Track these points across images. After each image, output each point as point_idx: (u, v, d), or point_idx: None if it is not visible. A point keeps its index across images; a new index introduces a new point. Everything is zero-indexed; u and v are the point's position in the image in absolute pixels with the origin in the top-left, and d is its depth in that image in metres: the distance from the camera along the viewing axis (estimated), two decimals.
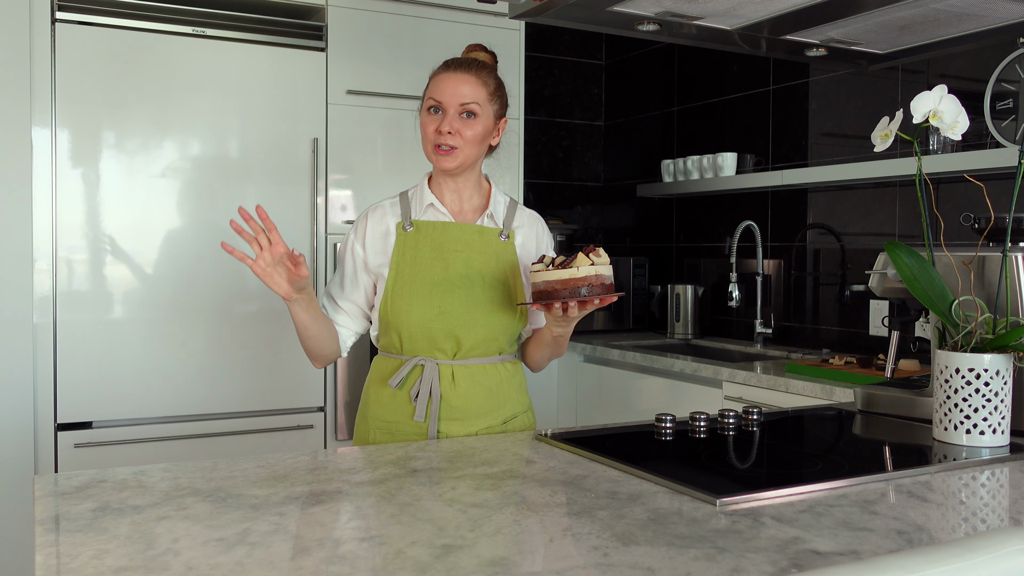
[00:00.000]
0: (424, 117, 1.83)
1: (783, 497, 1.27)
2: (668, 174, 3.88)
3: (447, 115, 1.80)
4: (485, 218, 1.88)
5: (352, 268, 1.88)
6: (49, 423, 2.75)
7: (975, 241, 1.76)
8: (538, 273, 1.67)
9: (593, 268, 1.65)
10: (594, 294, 1.65)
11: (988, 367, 1.57)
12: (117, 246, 2.84)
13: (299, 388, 3.05)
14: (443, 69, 1.84)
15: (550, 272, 1.65)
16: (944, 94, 1.59)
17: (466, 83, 1.81)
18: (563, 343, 1.87)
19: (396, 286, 1.81)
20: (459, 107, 1.80)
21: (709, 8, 2.24)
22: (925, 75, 2.95)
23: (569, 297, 1.64)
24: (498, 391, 1.84)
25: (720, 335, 3.78)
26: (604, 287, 1.66)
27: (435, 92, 1.81)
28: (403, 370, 1.81)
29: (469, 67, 1.83)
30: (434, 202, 1.86)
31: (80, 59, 2.78)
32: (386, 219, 1.87)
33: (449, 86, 1.80)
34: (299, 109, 3.08)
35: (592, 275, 1.65)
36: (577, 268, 1.64)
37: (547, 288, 1.66)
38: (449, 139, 1.79)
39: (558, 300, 1.64)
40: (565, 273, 1.64)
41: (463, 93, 1.80)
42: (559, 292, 1.64)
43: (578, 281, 1.64)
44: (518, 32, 3.47)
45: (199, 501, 1.25)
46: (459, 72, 1.82)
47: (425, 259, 1.82)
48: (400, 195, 1.92)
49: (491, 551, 1.05)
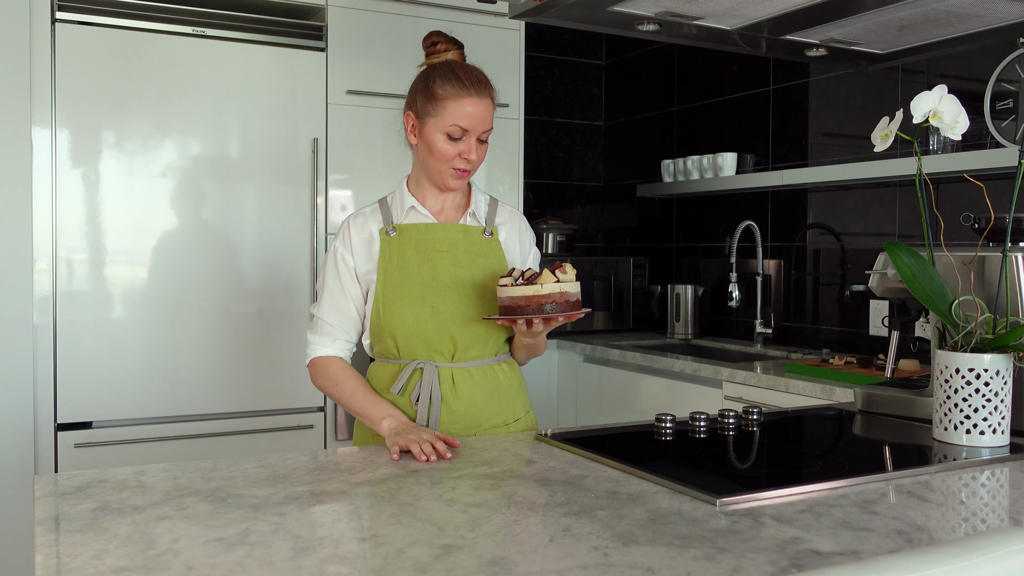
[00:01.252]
0: (442, 142, 1.77)
1: (783, 497, 1.27)
2: (668, 174, 3.88)
3: (470, 141, 1.77)
4: (467, 216, 1.87)
5: (341, 279, 1.84)
6: (49, 423, 2.75)
7: (975, 241, 1.76)
8: (504, 289, 1.68)
9: (557, 286, 1.65)
10: (558, 311, 1.65)
11: (988, 367, 1.57)
12: (117, 246, 2.84)
13: (299, 388, 3.05)
14: (464, 92, 1.76)
15: (515, 288, 1.65)
16: (944, 94, 1.59)
17: (488, 108, 1.79)
18: (537, 348, 1.87)
19: (386, 291, 1.79)
20: (482, 134, 1.79)
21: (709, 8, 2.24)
22: (925, 75, 2.95)
23: (533, 314, 1.64)
24: (499, 393, 1.84)
25: (720, 335, 3.78)
26: (569, 304, 1.66)
27: (461, 119, 1.75)
28: (403, 375, 1.79)
29: (485, 88, 1.79)
30: (415, 204, 1.84)
31: (80, 59, 2.78)
32: (368, 225, 1.85)
33: (477, 112, 1.76)
34: (299, 109, 3.08)
35: (556, 292, 1.65)
36: (541, 285, 1.64)
37: (511, 304, 1.66)
38: (469, 165, 1.79)
39: (522, 316, 1.65)
40: (529, 290, 1.64)
41: (487, 118, 1.79)
42: (524, 308, 1.65)
43: (542, 298, 1.64)
44: (518, 32, 3.47)
45: (199, 501, 1.25)
46: (482, 97, 1.77)
47: (412, 262, 1.80)
48: (379, 201, 1.89)
49: (491, 551, 1.05)
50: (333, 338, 1.84)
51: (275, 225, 3.04)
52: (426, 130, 1.79)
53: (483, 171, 3.44)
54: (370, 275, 1.83)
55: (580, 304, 1.70)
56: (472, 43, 3.36)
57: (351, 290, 1.84)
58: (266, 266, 3.03)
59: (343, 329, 1.84)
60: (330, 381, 1.82)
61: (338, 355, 1.84)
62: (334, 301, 1.84)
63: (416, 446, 1.53)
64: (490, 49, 3.40)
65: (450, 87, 1.76)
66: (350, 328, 1.85)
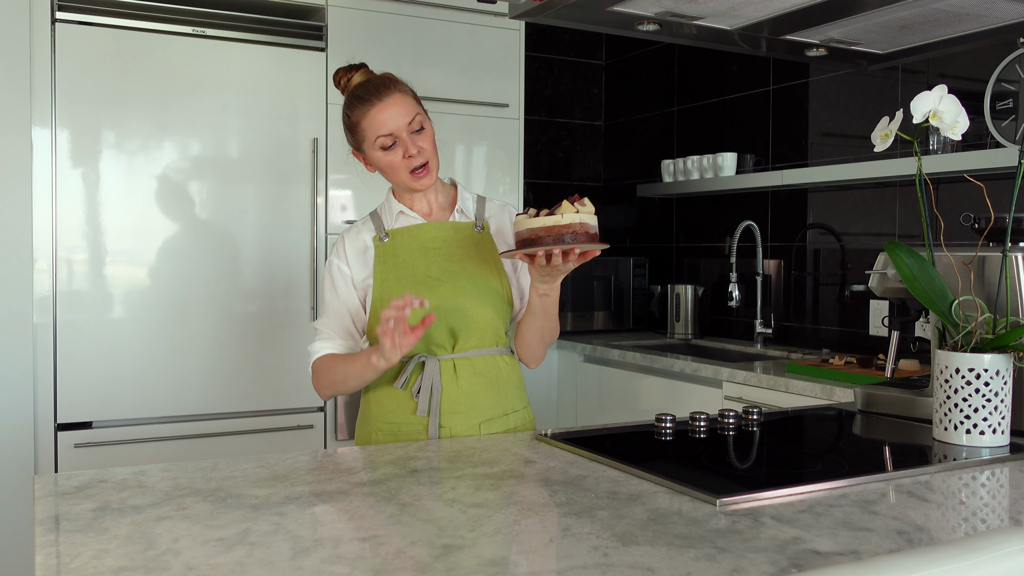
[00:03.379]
0: (382, 157, 1.80)
1: (783, 497, 1.27)
2: (668, 174, 3.88)
3: (403, 140, 1.79)
4: (456, 214, 1.90)
5: (338, 290, 1.87)
6: (49, 423, 2.75)
7: (975, 241, 1.76)
8: (522, 220, 1.64)
9: (577, 216, 1.61)
10: (578, 242, 1.61)
11: (988, 367, 1.57)
12: (117, 246, 2.84)
13: (299, 388, 3.05)
14: (368, 105, 1.78)
15: (534, 219, 1.62)
16: (944, 94, 1.59)
17: (398, 103, 1.79)
18: (552, 312, 1.84)
19: (382, 292, 1.82)
20: (407, 127, 1.79)
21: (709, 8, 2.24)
22: (925, 75, 2.95)
23: (553, 244, 1.60)
24: (498, 382, 1.86)
25: (720, 335, 3.78)
26: (588, 236, 1.62)
27: (379, 128, 1.77)
28: (406, 370, 1.82)
29: (386, 89, 1.80)
30: (404, 209, 1.87)
31: (80, 59, 2.78)
32: (362, 235, 1.88)
33: (388, 114, 1.77)
34: (299, 109, 3.08)
35: (576, 223, 1.61)
36: (561, 215, 1.60)
37: (530, 236, 1.62)
38: (419, 159, 1.80)
39: (542, 248, 1.61)
40: (549, 220, 1.60)
41: (403, 113, 1.79)
42: (542, 239, 1.61)
43: (562, 228, 1.60)
44: (518, 32, 3.47)
45: (199, 501, 1.25)
46: (386, 99, 1.78)
47: (406, 261, 1.83)
48: (370, 214, 1.93)
49: (491, 551, 1.05)
50: (330, 340, 1.88)
51: (275, 225, 3.04)
52: (367, 155, 1.84)
53: (483, 171, 3.44)
54: (367, 281, 1.86)
55: (599, 238, 1.65)
56: (472, 43, 3.38)
57: (348, 300, 1.87)
58: (266, 266, 3.03)
59: (341, 337, 1.88)
60: (323, 372, 1.85)
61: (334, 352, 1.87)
62: (332, 312, 1.88)
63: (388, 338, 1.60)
64: (490, 49, 3.40)
65: (357, 109, 1.80)
66: (346, 335, 1.89)
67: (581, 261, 1.66)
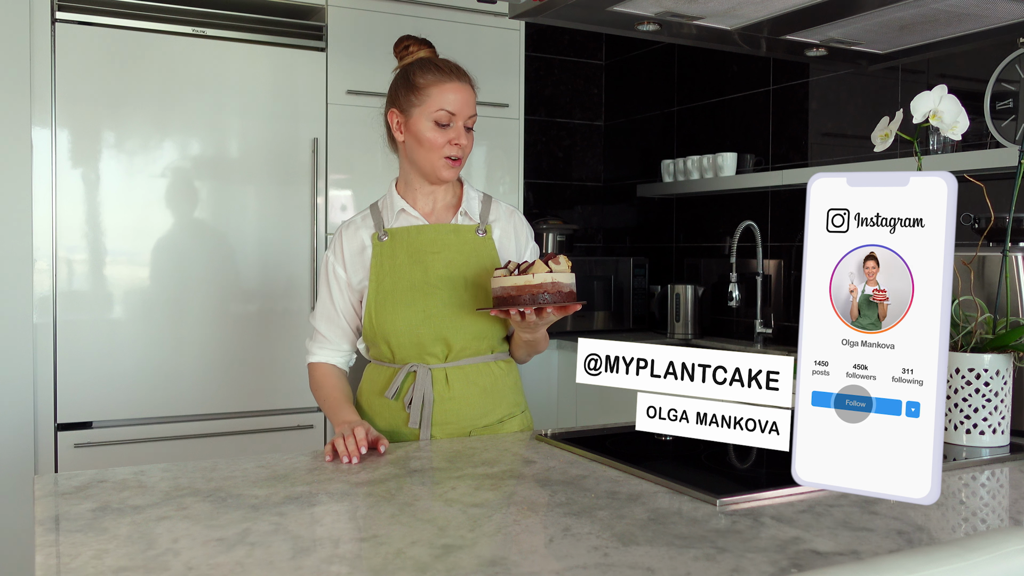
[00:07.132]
0: (430, 129, 1.77)
1: (783, 497, 1.27)
2: (668, 174, 3.88)
3: (458, 127, 1.78)
4: (459, 215, 1.86)
5: (331, 292, 1.87)
6: (49, 423, 2.75)
7: (975, 241, 1.76)
8: (497, 279, 1.66)
9: (550, 276, 1.63)
10: (552, 302, 1.63)
11: (988, 367, 1.57)
12: (117, 246, 2.84)
13: (299, 388, 3.05)
14: (446, 77, 1.78)
15: (507, 279, 1.64)
16: (944, 94, 1.59)
17: (471, 94, 1.80)
18: (538, 344, 1.85)
19: (378, 297, 1.80)
20: (468, 119, 1.80)
21: (709, 8, 2.24)
22: (925, 75, 2.95)
23: (527, 304, 1.62)
24: (493, 390, 1.83)
25: (720, 335, 3.78)
26: (563, 295, 1.64)
27: (446, 103, 1.77)
28: (397, 379, 1.79)
29: (465, 74, 1.82)
30: (405, 207, 1.84)
31: (80, 59, 2.78)
32: (360, 233, 1.86)
33: (461, 97, 1.78)
34: (299, 109, 3.08)
35: (548, 282, 1.63)
36: (533, 275, 1.63)
37: (504, 294, 1.65)
38: (459, 151, 1.79)
39: (516, 307, 1.63)
40: (521, 280, 1.63)
41: (471, 103, 1.80)
42: (516, 299, 1.63)
43: (534, 288, 1.62)
44: (518, 32, 3.47)
45: (199, 501, 1.25)
46: (463, 82, 1.79)
47: (403, 266, 1.80)
48: (371, 207, 1.90)
49: (491, 551, 1.05)
50: (325, 346, 1.88)
51: (275, 225, 3.05)
52: (412, 122, 1.79)
53: (483, 171, 3.44)
54: (363, 283, 1.84)
55: (575, 296, 1.67)
56: (472, 43, 3.38)
57: (341, 303, 1.86)
58: (266, 266, 3.04)
59: (335, 338, 1.88)
60: (314, 385, 1.88)
61: (330, 362, 1.88)
62: (326, 312, 1.88)
63: (341, 443, 1.52)
64: (490, 49, 3.40)
65: (431, 75, 1.79)
66: (341, 337, 1.88)
67: (560, 315, 1.68)
